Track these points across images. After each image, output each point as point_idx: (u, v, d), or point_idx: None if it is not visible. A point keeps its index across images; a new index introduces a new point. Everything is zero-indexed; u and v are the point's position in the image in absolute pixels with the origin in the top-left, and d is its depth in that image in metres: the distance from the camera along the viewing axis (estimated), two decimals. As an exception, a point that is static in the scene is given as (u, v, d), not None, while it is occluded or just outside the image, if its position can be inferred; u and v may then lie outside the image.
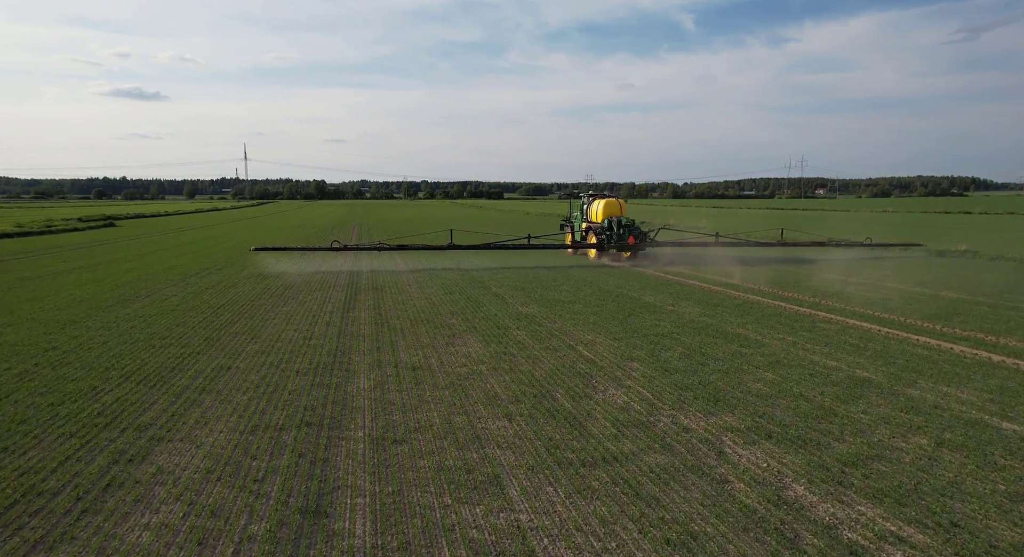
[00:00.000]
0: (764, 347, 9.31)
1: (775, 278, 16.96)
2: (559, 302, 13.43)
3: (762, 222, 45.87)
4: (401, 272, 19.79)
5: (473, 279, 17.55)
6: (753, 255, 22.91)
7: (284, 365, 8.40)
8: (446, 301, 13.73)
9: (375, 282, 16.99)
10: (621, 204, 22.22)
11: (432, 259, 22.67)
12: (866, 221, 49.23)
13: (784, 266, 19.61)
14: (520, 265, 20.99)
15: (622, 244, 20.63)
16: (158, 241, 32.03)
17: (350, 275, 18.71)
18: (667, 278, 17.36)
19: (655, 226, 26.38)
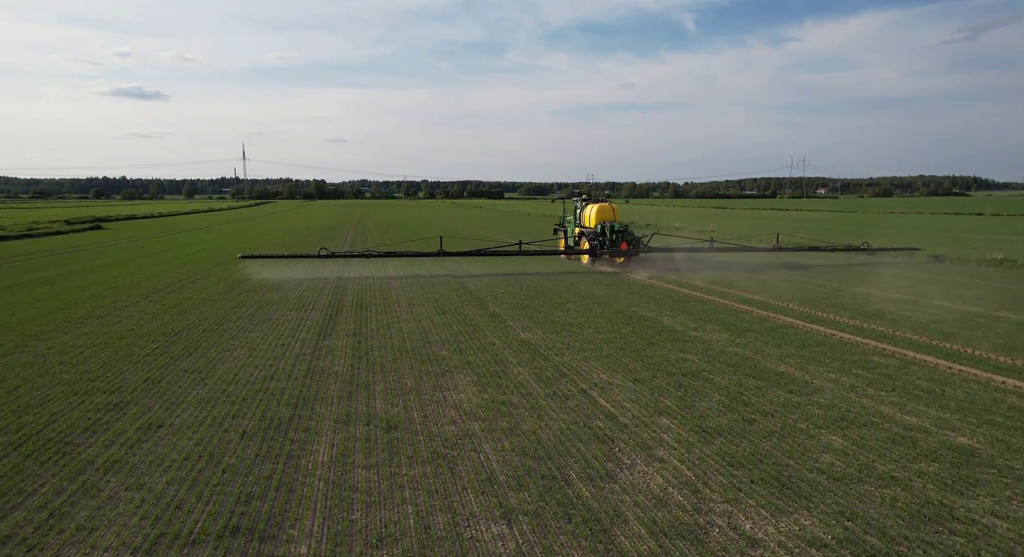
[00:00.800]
0: (818, 393, 7.66)
1: (802, 294, 15.31)
2: (566, 326, 11.79)
3: (769, 225, 44.24)
4: (391, 283, 18.21)
5: (468, 293, 15.92)
6: (753, 262, 21.87)
7: (230, 422, 6.76)
8: (437, 324, 12.08)
9: (360, 298, 15.35)
10: (614, 209, 21.78)
11: (424, 266, 21.56)
12: (875, 224, 47.59)
13: (796, 275, 17.99)
14: (515, 272, 20.10)
15: (615, 250, 20.23)
16: (142, 246, 30.41)
17: (335, 288, 17.08)
18: (683, 293, 15.71)
19: (656, 229, 24.98)
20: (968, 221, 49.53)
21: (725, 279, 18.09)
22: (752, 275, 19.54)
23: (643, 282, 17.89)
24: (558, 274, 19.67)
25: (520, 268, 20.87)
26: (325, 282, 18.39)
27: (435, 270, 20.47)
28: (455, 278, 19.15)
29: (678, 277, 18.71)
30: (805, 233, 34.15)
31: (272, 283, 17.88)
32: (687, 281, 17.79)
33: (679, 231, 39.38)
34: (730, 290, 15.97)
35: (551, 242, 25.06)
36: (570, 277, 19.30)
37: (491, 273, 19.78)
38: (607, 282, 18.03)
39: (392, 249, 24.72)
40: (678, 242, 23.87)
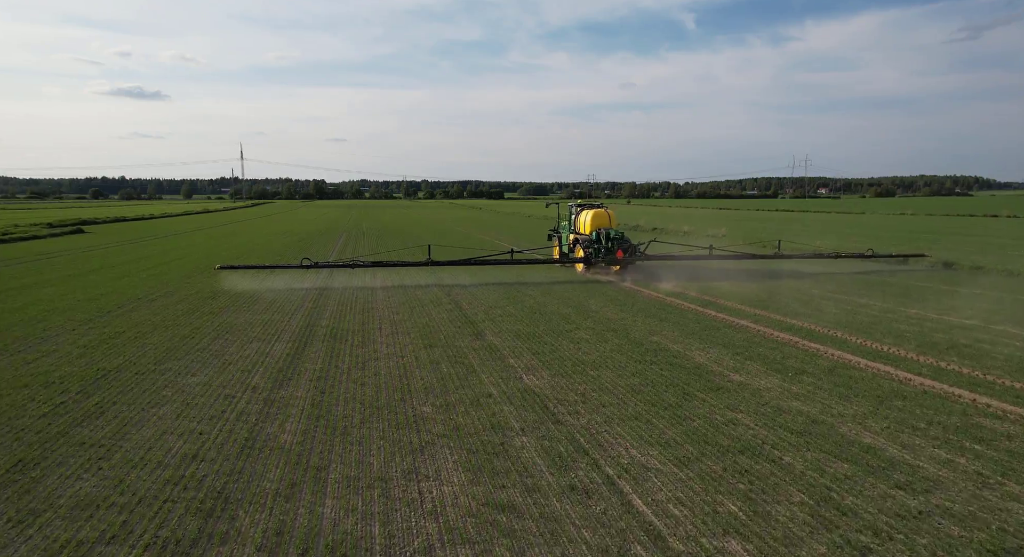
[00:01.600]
0: (938, 488, 5.56)
1: (847, 317, 13.21)
2: (578, 365, 9.69)
3: (781, 229, 42.12)
4: (376, 297, 16.35)
5: (461, 313, 13.88)
6: (758, 270, 20.83)
7: (100, 551, 4.66)
8: (423, 362, 9.98)
9: (337, 322, 13.23)
10: (610, 215, 20.89)
11: (413, 276, 20.09)
12: (891, 227, 45.53)
13: (822, 289, 15.91)
14: (508, 282, 18.93)
15: (610, 259, 19.38)
16: (117, 253, 28.32)
17: (312, 306, 15.02)
18: (708, 316, 13.60)
19: (662, 233, 23.08)
20: (985, 224, 47.41)
21: (746, 294, 16.07)
22: (766, 285, 17.75)
23: (659, 300, 15.79)
24: (556, 285, 18.41)
25: (514, 277, 19.56)
26: (304, 297, 16.43)
27: (424, 280, 19.24)
28: (444, 290, 17.46)
29: (688, 290, 16.84)
30: (824, 238, 32.13)
31: (245, 298, 15.84)
32: (711, 299, 15.70)
33: (688, 235, 37.34)
34: (763, 312, 13.88)
35: (546, 248, 24.10)
36: (570, 290, 17.53)
37: (483, 283, 18.59)
38: (615, 298, 15.96)
39: (379, 258, 22.81)
40: (675, 249, 22.71)
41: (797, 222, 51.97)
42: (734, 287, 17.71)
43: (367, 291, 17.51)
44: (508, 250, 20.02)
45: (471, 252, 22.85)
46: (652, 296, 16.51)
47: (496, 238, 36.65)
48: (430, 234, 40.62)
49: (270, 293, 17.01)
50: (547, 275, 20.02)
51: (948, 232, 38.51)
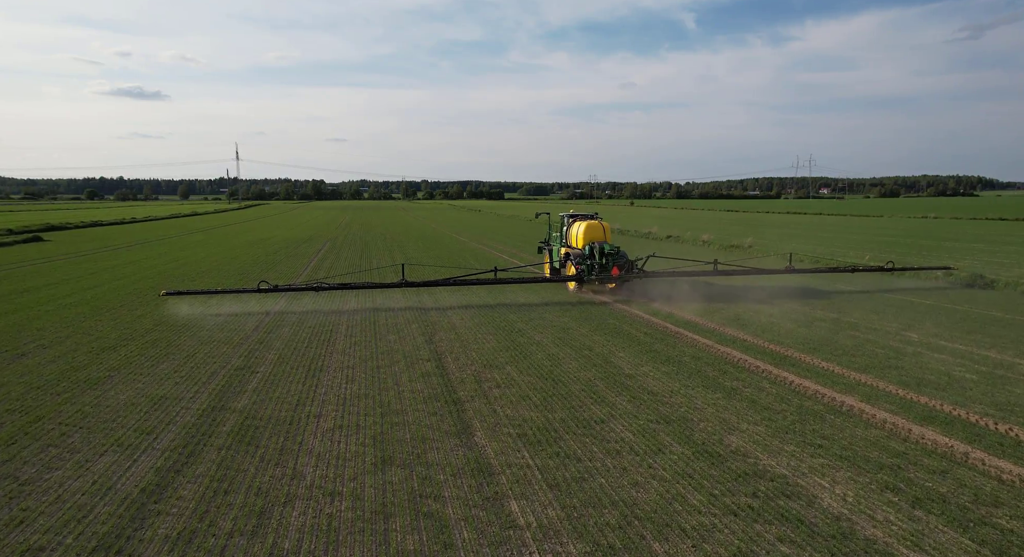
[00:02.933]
0: None
1: (1007, 396, 9.16)
2: (629, 520, 5.64)
3: (818, 238, 38.05)
4: (333, 341, 12.31)
5: (442, 383, 9.70)
6: (772, 288, 18.75)
7: None
8: (364, 511, 5.93)
9: (260, 403, 9.09)
10: (604, 227, 19.24)
11: (387, 297, 18.14)
12: (915, 233, 41.47)
13: (899, 321, 11.89)
14: (493, 304, 16.86)
15: (604, 276, 17.62)
16: (58, 269, 24.32)
17: (242, 363, 10.97)
18: (779, 378, 9.52)
19: (677, 241, 19.42)
20: (1012, 228, 43.30)
21: (785, 327, 12.09)
22: (801, 312, 14.73)
23: (701, 344, 11.69)
24: (547, 309, 16.34)
25: (501, 297, 17.76)
26: (245, 338, 12.82)
27: (400, 301, 17.44)
28: (422, 327, 14.31)
29: (709, 319, 13.68)
30: (871, 249, 28.12)
31: (164, 345, 11.80)
32: (758, 342, 11.61)
33: (710, 245, 33.31)
34: (824, 364, 9.79)
35: (531, 264, 22.67)
36: (570, 321, 14.42)
37: (467, 306, 16.69)
38: (629, 336, 11.83)
39: (357, 276, 19.31)
40: (675, 264, 20.79)
41: (823, 227, 47.86)
42: (763, 315, 14.72)
43: (328, 324, 14.33)
44: (492, 268, 18.27)
45: (460, 261, 20.75)
46: (669, 330, 12.56)
47: (491, 246, 32.66)
48: (419, 242, 36.70)
49: (206, 331, 13.30)
50: (537, 295, 18.11)
51: (994, 238, 34.41)
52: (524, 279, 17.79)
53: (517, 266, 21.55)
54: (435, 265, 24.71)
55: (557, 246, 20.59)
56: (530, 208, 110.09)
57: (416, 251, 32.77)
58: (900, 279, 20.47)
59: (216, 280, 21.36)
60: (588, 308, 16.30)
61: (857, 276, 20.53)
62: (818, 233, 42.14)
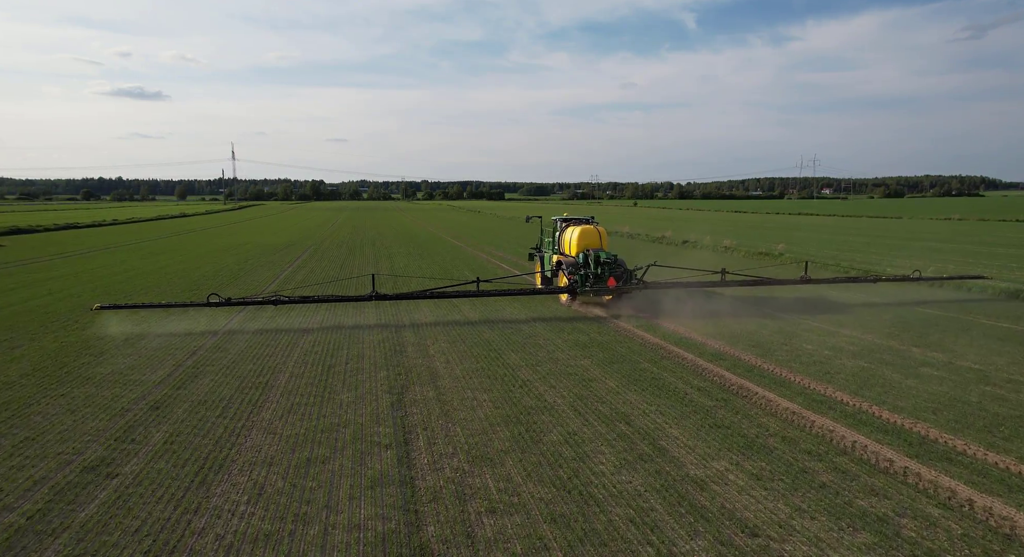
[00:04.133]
0: None
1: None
2: None
3: (837, 242, 34.40)
4: (270, 387, 8.78)
5: (409, 495, 6.01)
6: (790, 300, 17.20)
7: None
8: None
9: (87, 548, 5.45)
10: (600, 233, 17.60)
11: (359, 311, 16.11)
12: (950, 236, 37.86)
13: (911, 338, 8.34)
14: (477, 321, 15.00)
15: (600, 288, 15.91)
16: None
17: (116, 440, 7.35)
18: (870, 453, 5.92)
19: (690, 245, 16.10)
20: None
21: (833, 364, 8.44)
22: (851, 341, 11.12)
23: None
24: (542, 329, 14.21)
25: (487, 311, 16.05)
26: (141, 396, 9.08)
27: (370, 317, 15.46)
28: (393, 345, 12.57)
29: (734, 346, 11.38)
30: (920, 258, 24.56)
31: (20, 400, 8.19)
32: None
33: (734, 251, 29.73)
34: (893, 417, 6.23)
35: (516, 277, 20.65)
36: (588, 362, 10.95)
37: (448, 322, 14.82)
38: (669, 383, 8.21)
39: (319, 292, 16.05)
40: (677, 274, 18.60)
41: (846, 230, 44.20)
42: (793, 338, 12.34)
43: (271, 364, 11.16)
44: (473, 280, 16.55)
45: (453, 272, 20.09)
46: (682, 358, 8.90)
47: (489, 252, 29.06)
48: (410, 247, 33.12)
49: (107, 370, 10.01)
50: (526, 310, 16.20)
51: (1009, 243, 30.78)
52: (509, 291, 15.92)
53: (501, 277, 19.56)
54: (420, 276, 21.21)
55: (549, 253, 18.99)
56: (530, 209, 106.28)
57: (404, 258, 29.24)
58: (929, 290, 18.66)
59: (172, 292, 18.59)
60: (593, 331, 12.78)
61: (881, 286, 18.92)
62: (850, 237, 38.53)
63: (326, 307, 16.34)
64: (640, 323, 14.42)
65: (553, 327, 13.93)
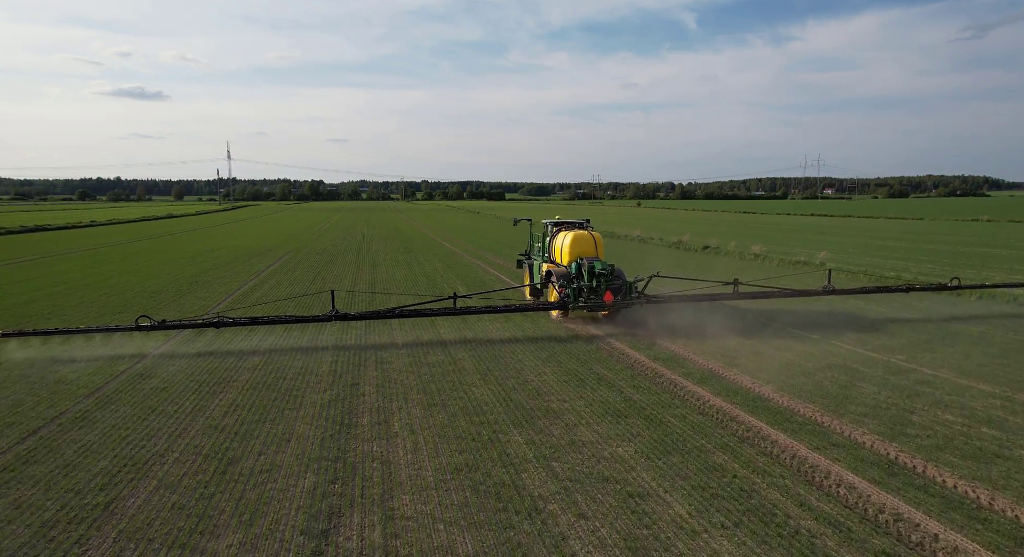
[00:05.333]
0: None
1: None
2: None
3: (886, 248, 30.73)
4: (156, 458, 4.97)
5: None
6: (821, 313, 15.52)
7: None
8: None
9: None
10: (596, 239, 15.73)
11: (314, 335, 13.64)
12: (986, 240, 34.22)
13: None
14: (456, 340, 12.97)
15: (595, 302, 13.82)
16: None
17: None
18: None
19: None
20: None
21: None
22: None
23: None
24: (532, 355, 12.01)
25: (466, 329, 14.05)
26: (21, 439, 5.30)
27: (329, 337, 13.32)
28: (347, 379, 10.29)
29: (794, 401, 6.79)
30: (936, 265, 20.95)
31: None
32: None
33: (765, 259, 26.12)
34: None
35: (504, 288, 18.67)
36: (596, 416, 7.46)
37: (423, 344, 12.69)
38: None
39: (254, 316, 12.59)
40: (681, 285, 16.59)
41: (878, 233, 40.49)
42: (857, 378, 9.24)
43: (172, 426, 8.05)
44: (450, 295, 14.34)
45: (440, 286, 18.53)
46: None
47: (486, 258, 25.41)
48: (400, 254, 29.46)
49: None
50: (514, 328, 14.24)
51: None
52: (491, 309, 13.91)
53: (482, 291, 17.25)
54: (395, 293, 17.63)
55: (539, 261, 17.30)
56: (531, 210, 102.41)
57: (390, 266, 25.65)
58: (978, 302, 16.79)
59: (104, 310, 15.92)
60: (615, 372, 9.12)
61: (911, 296, 17.15)
62: (886, 242, 34.84)
63: (280, 330, 13.90)
64: (656, 352, 11.44)
65: (563, 370, 10.37)
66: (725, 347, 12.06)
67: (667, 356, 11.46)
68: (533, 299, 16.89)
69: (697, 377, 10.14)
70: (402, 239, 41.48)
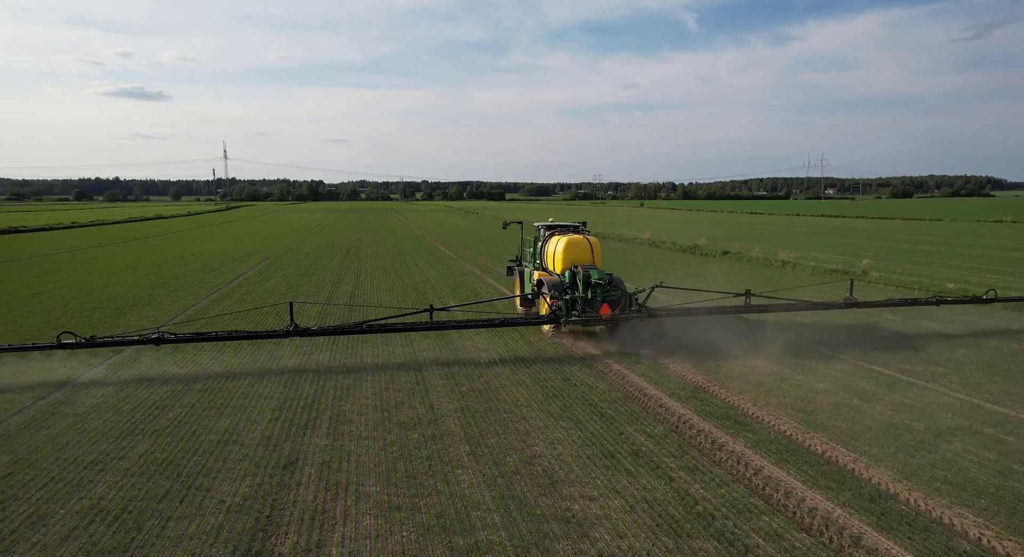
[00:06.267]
0: None
1: None
2: None
3: (935, 254, 27.83)
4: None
5: None
6: (841, 328, 13.67)
7: None
8: None
9: None
10: (592, 245, 14.02)
11: (271, 354, 11.70)
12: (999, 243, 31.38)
13: None
14: (431, 361, 11.40)
15: (591, 317, 12.24)
16: None
17: None
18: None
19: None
20: None
21: None
22: None
23: None
24: (520, 383, 10.25)
25: (447, 349, 12.18)
26: None
27: (287, 358, 11.42)
28: (292, 433, 8.28)
29: None
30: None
31: None
32: None
33: (795, 267, 23.27)
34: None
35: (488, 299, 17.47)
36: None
37: (391, 367, 10.94)
38: None
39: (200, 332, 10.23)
40: (685, 295, 15.46)
41: (917, 236, 37.58)
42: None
43: (91, 464, 6.61)
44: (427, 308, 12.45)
45: (423, 295, 17.15)
46: None
47: (482, 263, 22.52)
48: (389, 258, 26.63)
49: None
50: (501, 345, 12.51)
51: None
52: (471, 323, 12.36)
53: (465, 304, 15.74)
54: (378, 306, 14.79)
55: (530, 268, 15.83)
56: (531, 210, 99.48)
57: (375, 275, 22.84)
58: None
59: (27, 330, 13.38)
60: (630, 420, 6.46)
61: (943, 310, 15.11)
62: (919, 246, 31.92)
63: (232, 348, 12.10)
64: (706, 402, 8.48)
65: (583, 433, 7.54)
66: (793, 392, 9.19)
67: (723, 410, 8.57)
68: (525, 310, 15.62)
69: (775, 449, 7.25)
70: (394, 243, 38.59)
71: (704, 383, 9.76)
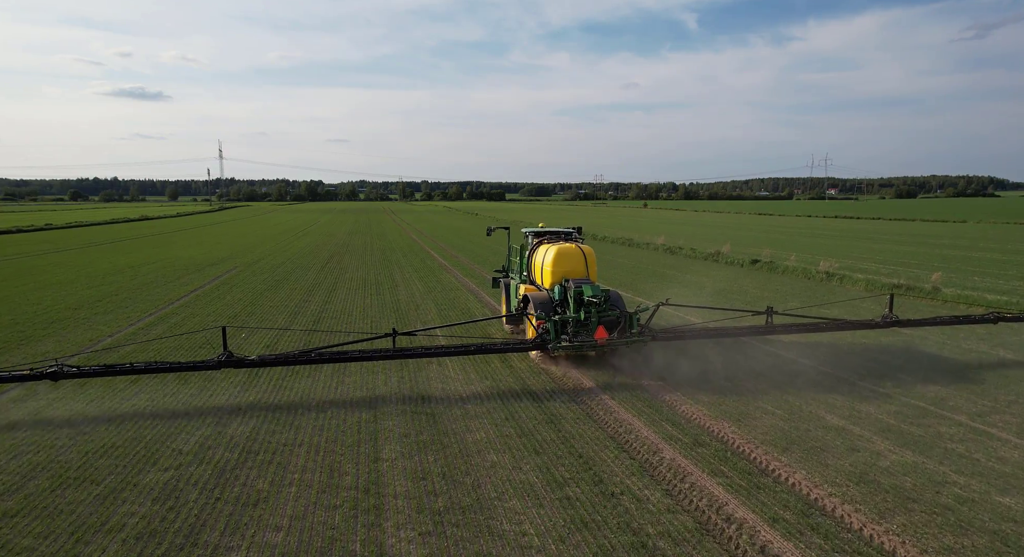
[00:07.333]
0: None
1: None
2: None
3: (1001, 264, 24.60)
4: None
5: None
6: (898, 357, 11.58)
7: None
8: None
9: None
10: (586, 255, 12.12)
11: (202, 391, 9.81)
12: None
13: None
14: (391, 395, 9.68)
15: (585, 341, 10.52)
16: None
17: None
18: None
19: None
20: None
21: None
22: None
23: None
24: None
25: (412, 381, 10.39)
26: None
27: (219, 399, 9.42)
28: None
29: None
30: None
31: None
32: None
33: (843, 280, 20.04)
34: None
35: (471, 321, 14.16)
36: None
37: (342, 405, 9.33)
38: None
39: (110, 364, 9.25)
40: (696, 313, 13.21)
41: (950, 243, 34.31)
42: None
43: None
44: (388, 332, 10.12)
45: (404, 316, 14.82)
46: None
47: (478, 270, 19.35)
48: (377, 267, 23.56)
49: None
50: (476, 378, 10.56)
51: None
52: (440, 350, 10.29)
53: (427, 328, 13.22)
54: (343, 332, 11.58)
55: (518, 280, 14.09)
56: (531, 210, 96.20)
57: (352, 288, 19.85)
58: None
59: None
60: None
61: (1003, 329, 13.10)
62: (981, 253, 28.68)
63: (154, 385, 9.97)
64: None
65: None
66: (838, 442, 5.99)
67: (807, 514, 5.34)
68: (511, 328, 13.92)
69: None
70: (385, 247, 35.42)
71: (718, 429, 7.88)
